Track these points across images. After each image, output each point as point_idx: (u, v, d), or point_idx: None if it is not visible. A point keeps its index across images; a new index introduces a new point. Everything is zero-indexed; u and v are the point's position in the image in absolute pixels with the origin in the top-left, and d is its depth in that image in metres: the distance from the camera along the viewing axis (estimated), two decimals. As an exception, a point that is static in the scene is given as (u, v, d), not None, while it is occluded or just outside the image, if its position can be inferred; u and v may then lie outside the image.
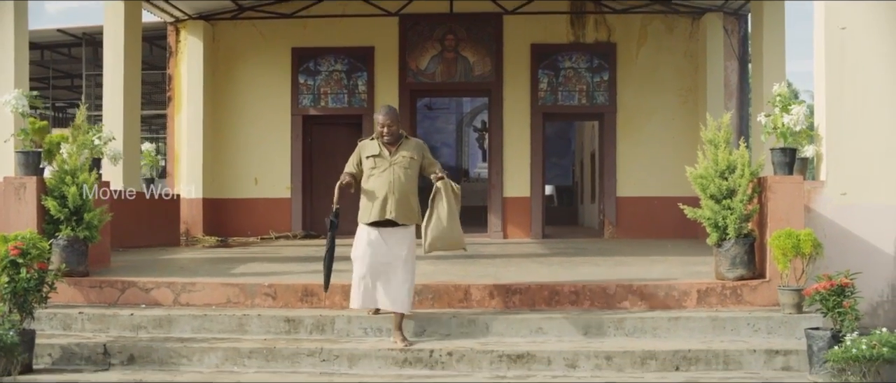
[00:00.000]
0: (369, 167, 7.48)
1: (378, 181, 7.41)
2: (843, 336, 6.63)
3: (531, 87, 15.51)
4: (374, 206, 7.39)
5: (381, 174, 7.42)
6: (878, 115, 8.73)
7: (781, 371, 7.22)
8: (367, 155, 7.54)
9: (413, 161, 7.55)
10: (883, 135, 8.74)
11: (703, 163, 8.22)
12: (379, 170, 7.44)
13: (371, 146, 7.58)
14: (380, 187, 7.40)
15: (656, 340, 7.58)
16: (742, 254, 8.08)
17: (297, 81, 15.77)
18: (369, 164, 7.49)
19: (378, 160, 7.48)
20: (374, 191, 7.40)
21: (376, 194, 7.39)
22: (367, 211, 7.44)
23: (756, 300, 8.03)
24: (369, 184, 7.45)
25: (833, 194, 8.80)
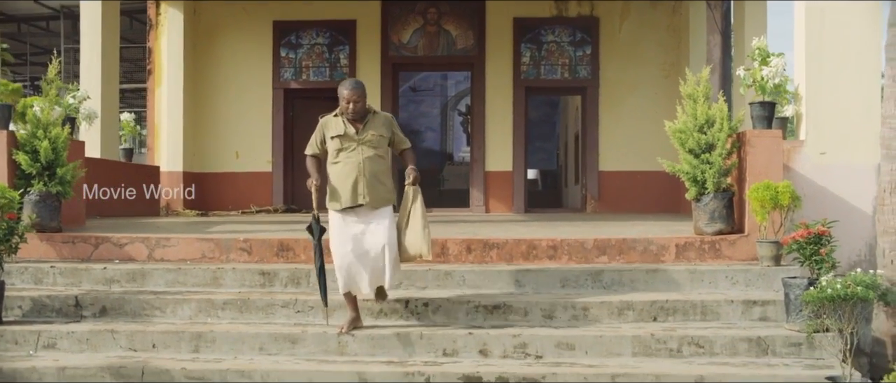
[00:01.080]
0: (335, 148, 6.80)
1: (346, 163, 6.77)
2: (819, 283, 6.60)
3: (513, 61, 15.44)
4: (344, 191, 6.76)
5: (349, 155, 6.77)
6: (857, 75, 8.74)
7: (759, 321, 7.20)
8: (331, 135, 6.82)
9: (382, 139, 6.89)
10: (861, 94, 8.76)
11: (681, 118, 8.18)
12: (347, 150, 6.78)
13: (335, 124, 6.87)
14: (349, 170, 6.76)
15: (634, 293, 7.54)
16: (721, 208, 8.04)
17: (279, 55, 15.66)
18: (335, 145, 6.80)
19: (344, 140, 6.79)
20: (343, 174, 6.77)
21: (345, 178, 6.76)
22: (337, 196, 6.81)
23: (735, 254, 8.00)
24: (337, 166, 6.81)
25: (812, 153, 8.81)
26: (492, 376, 6.42)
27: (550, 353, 6.80)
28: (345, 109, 6.83)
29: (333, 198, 6.84)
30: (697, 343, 6.79)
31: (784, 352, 6.74)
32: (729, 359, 6.71)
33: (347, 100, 6.80)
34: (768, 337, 6.78)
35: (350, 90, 6.82)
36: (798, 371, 6.44)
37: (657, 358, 6.74)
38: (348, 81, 6.95)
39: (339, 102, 6.86)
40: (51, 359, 6.82)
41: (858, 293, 5.83)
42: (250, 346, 6.97)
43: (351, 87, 6.85)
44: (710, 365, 6.58)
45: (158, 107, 15.29)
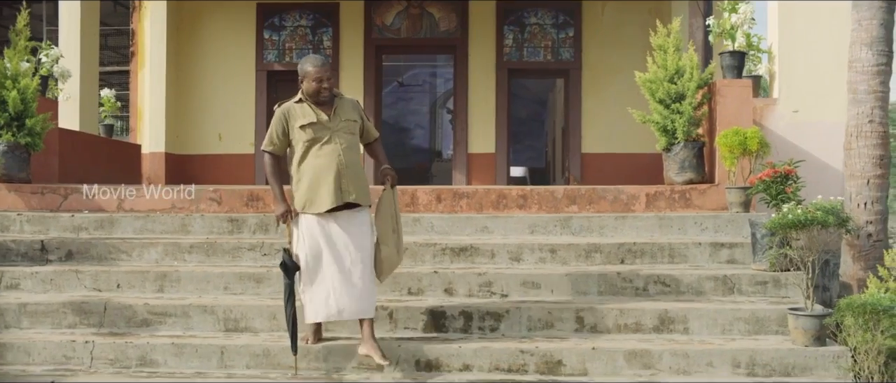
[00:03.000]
0: (305, 139, 5.76)
1: (322, 156, 5.76)
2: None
3: (496, 44, 15.41)
4: (325, 189, 5.73)
5: (323, 146, 5.77)
6: (829, 32, 8.75)
7: (726, 263, 7.19)
8: (300, 124, 5.77)
9: (355, 124, 5.97)
10: (833, 52, 8.75)
11: (652, 68, 8.19)
12: (320, 142, 5.77)
13: (302, 111, 5.83)
14: (327, 164, 5.75)
15: (602, 238, 7.53)
16: (690, 157, 8.04)
17: (262, 37, 15.63)
18: (304, 135, 5.76)
19: (316, 128, 5.78)
20: (320, 169, 5.75)
21: (324, 173, 5.75)
22: (315, 197, 5.76)
23: (705, 203, 7.99)
24: (309, 161, 5.79)
25: (785, 111, 8.82)
26: (455, 310, 6.40)
27: (516, 292, 6.78)
28: (314, 91, 5.79)
29: (311, 201, 5.77)
30: (664, 282, 6.77)
31: (750, 290, 6.73)
32: (694, 297, 6.71)
33: (317, 78, 5.76)
34: (734, 275, 6.77)
35: (319, 67, 5.80)
36: (762, 306, 6.44)
37: (623, 296, 6.74)
38: (312, 57, 5.92)
39: (303, 83, 5.82)
40: (13, 297, 6.80)
41: (818, 217, 5.82)
42: (215, 286, 6.95)
43: (319, 63, 5.84)
44: (675, 302, 6.56)
45: (141, 90, 15.25)
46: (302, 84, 5.85)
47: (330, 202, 5.73)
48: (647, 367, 5.86)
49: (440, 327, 6.37)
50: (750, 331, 6.28)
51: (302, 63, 5.89)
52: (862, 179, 7.22)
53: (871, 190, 7.21)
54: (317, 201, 5.75)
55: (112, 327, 6.47)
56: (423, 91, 29.02)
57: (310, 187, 5.78)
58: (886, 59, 7.21)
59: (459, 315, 6.38)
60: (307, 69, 5.81)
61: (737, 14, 8.13)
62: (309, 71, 5.80)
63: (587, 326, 6.32)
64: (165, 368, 6.03)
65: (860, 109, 7.26)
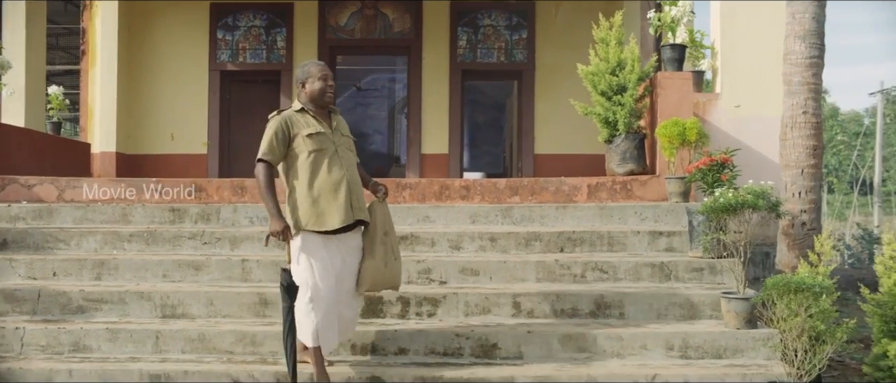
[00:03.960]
0: (311, 149, 5.34)
1: (330, 170, 5.36)
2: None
3: (450, 45, 15.47)
4: (336, 206, 5.32)
5: (330, 158, 5.37)
6: (770, 29, 8.88)
7: (664, 251, 7.27)
8: (306, 132, 5.35)
9: (353, 142, 5.71)
10: (774, 49, 8.87)
11: (594, 61, 8.27)
12: (326, 154, 5.37)
13: (305, 121, 5.40)
14: (337, 178, 5.36)
15: (543, 227, 7.58)
16: (632, 149, 8.13)
17: (216, 37, 15.56)
18: (310, 146, 5.33)
19: (322, 139, 5.38)
20: (330, 184, 5.34)
21: (334, 188, 5.34)
22: (324, 213, 5.32)
23: (646, 194, 8.08)
24: (317, 174, 5.35)
25: (727, 106, 8.94)
26: (393, 296, 6.41)
27: (455, 279, 6.82)
28: (320, 91, 5.42)
29: (319, 218, 5.32)
30: (602, 269, 6.83)
31: (686, 277, 6.82)
32: (632, 283, 6.78)
33: (323, 76, 5.43)
34: (671, 262, 6.85)
35: (322, 66, 5.50)
36: (698, 291, 6.52)
37: (561, 282, 6.78)
38: (311, 61, 5.66)
39: (306, 85, 5.45)
40: (-57, 285, 6.70)
41: (749, 201, 5.91)
42: (154, 273, 6.91)
43: (322, 63, 5.54)
44: (612, 288, 6.62)
45: (92, 88, 15.10)
46: (303, 87, 5.45)
47: (341, 220, 5.31)
48: (581, 350, 5.91)
49: (377, 313, 6.39)
50: (685, 316, 6.35)
51: (302, 67, 5.54)
52: (796, 169, 7.34)
53: (806, 179, 7.34)
54: (326, 218, 5.30)
55: (46, 314, 6.41)
56: (382, 96, 29.01)
57: (317, 203, 5.31)
58: (818, 51, 7.35)
59: (397, 301, 6.40)
60: (310, 69, 5.48)
61: (676, 7, 8.24)
62: (312, 71, 5.45)
63: (524, 311, 6.36)
64: (99, 353, 5.98)
65: (795, 100, 7.39)
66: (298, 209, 5.34)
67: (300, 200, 5.34)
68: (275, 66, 15.53)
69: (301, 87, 5.49)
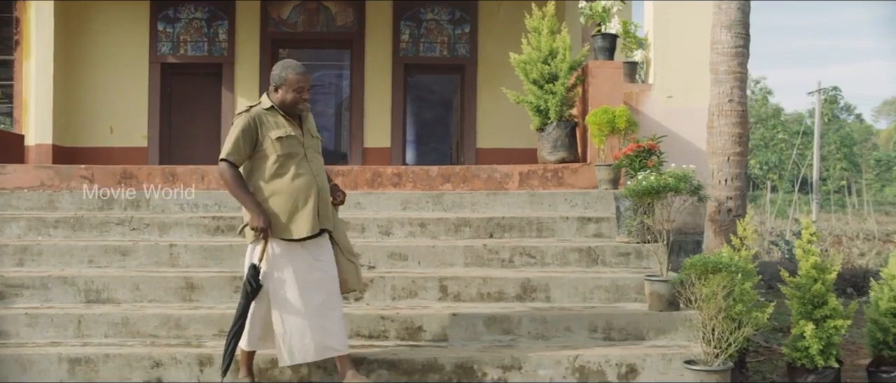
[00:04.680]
0: (279, 153, 5.09)
1: (299, 175, 5.12)
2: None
3: (393, 39, 15.48)
4: (303, 214, 5.09)
5: (299, 164, 5.15)
6: (701, 22, 8.98)
7: (592, 236, 7.35)
8: (276, 135, 5.08)
9: (320, 143, 5.53)
10: (705, 40, 9.00)
11: (526, 50, 8.34)
12: (295, 158, 5.14)
13: (275, 121, 5.13)
14: (305, 185, 5.13)
15: (473, 213, 7.62)
16: (563, 137, 8.21)
17: (156, 29, 15.39)
18: (279, 149, 5.08)
19: (291, 143, 5.14)
20: (299, 189, 5.10)
21: (301, 195, 5.10)
22: (290, 221, 5.08)
23: (577, 182, 8.16)
24: (285, 179, 5.10)
25: (660, 97, 9.04)
26: (321, 280, 6.39)
27: (383, 264, 6.83)
28: (292, 102, 5.14)
29: (285, 226, 5.08)
30: (529, 253, 6.89)
31: (613, 261, 6.90)
32: (559, 268, 6.85)
33: (298, 88, 5.12)
34: (598, 247, 6.93)
35: (301, 74, 5.15)
36: (623, 275, 6.61)
37: (489, 267, 6.83)
38: (292, 63, 5.29)
39: (279, 91, 5.14)
40: None
41: (670, 184, 6.01)
42: (79, 259, 6.83)
43: (301, 70, 5.18)
44: (539, 272, 6.68)
45: (26, 80, 14.85)
46: (276, 91, 5.14)
47: (308, 229, 5.07)
48: (506, 332, 5.95)
49: (305, 296, 6.36)
50: (610, 299, 6.43)
51: (282, 68, 5.20)
52: (723, 156, 7.45)
53: (732, 166, 7.45)
54: (292, 227, 5.07)
55: (-36, 300, 6.30)
56: (330, 92, 28.92)
57: (283, 210, 5.07)
58: (744, 41, 7.48)
59: (325, 284, 6.38)
60: (288, 76, 5.12)
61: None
62: (289, 78, 5.11)
63: (451, 295, 6.40)
64: (17, 339, 5.89)
65: (721, 89, 7.50)
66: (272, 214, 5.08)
67: (270, 206, 5.07)
68: (217, 58, 15.41)
69: (273, 89, 5.17)
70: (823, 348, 6.47)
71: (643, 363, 5.62)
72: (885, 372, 6.69)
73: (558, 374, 5.55)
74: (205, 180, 8.17)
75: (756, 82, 47.19)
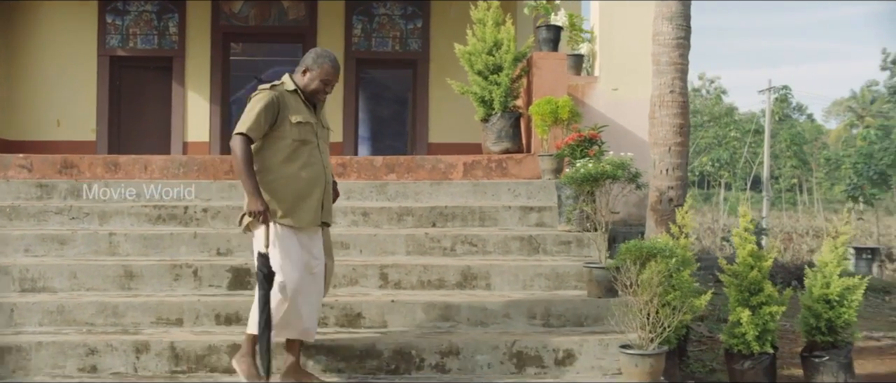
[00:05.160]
0: (295, 138, 4.95)
1: (311, 165, 5.02)
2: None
3: (345, 33, 15.45)
4: (308, 205, 5.00)
5: (312, 153, 5.04)
6: (646, 14, 9.08)
7: (535, 226, 7.40)
8: (296, 119, 4.95)
9: (329, 131, 5.43)
10: (649, 33, 9.11)
11: (471, 41, 8.37)
12: (309, 146, 5.03)
13: (296, 105, 5.00)
14: (315, 176, 5.03)
15: (417, 203, 7.64)
16: (507, 127, 8.26)
17: (105, 21, 15.22)
18: (295, 134, 4.95)
19: (308, 130, 5.02)
20: (307, 180, 5.00)
21: (310, 185, 5.01)
22: (296, 209, 4.97)
23: (521, 172, 8.20)
24: (296, 166, 4.97)
25: (605, 89, 9.13)
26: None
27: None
28: (314, 91, 5.07)
29: (291, 212, 4.95)
30: (471, 242, 6.92)
31: (554, 250, 6.95)
32: (500, 256, 6.88)
33: (326, 80, 5.06)
34: (540, 236, 6.98)
35: (333, 69, 5.07)
36: (564, 262, 6.66)
37: (430, 255, 6.85)
38: (330, 55, 5.14)
39: (306, 75, 5.05)
40: None
41: (608, 171, 6.07)
42: (14, 248, 6.74)
43: (337, 66, 5.09)
44: (481, 260, 6.71)
45: (-29, 73, 14.63)
46: (304, 74, 5.05)
47: (311, 220, 5.01)
48: (445, 319, 5.98)
49: (244, 284, 6.35)
50: (550, 287, 6.48)
51: (318, 55, 5.08)
52: (664, 146, 7.54)
53: (673, 156, 7.54)
54: (297, 214, 4.95)
55: None
56: (284, 88, 28.80)
57: (291, 197, 4.94)
58: (685, 32, 7.57)
59: (265, 273, 6.36)
60: (323, 64, 5.04)
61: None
62: (324, 67, 5.03)
63: (391, 283, 6.41)
64: (-56, 329, 5.80)
65: (663, 80, 7.58)
66: (270, 197, 4.91)
67: (271, 188, 4.90)
68: (167, 52, 15.28)
69: (301, 72, 5.07)
70: (759, 334, 6.58)
71: (580, 348, 5.66)
72: (817, 357, 6.82)
73: (496, 360, 5.58)
74: (148, 170, 8.10)
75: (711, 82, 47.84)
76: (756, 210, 30.15)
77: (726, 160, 32.05)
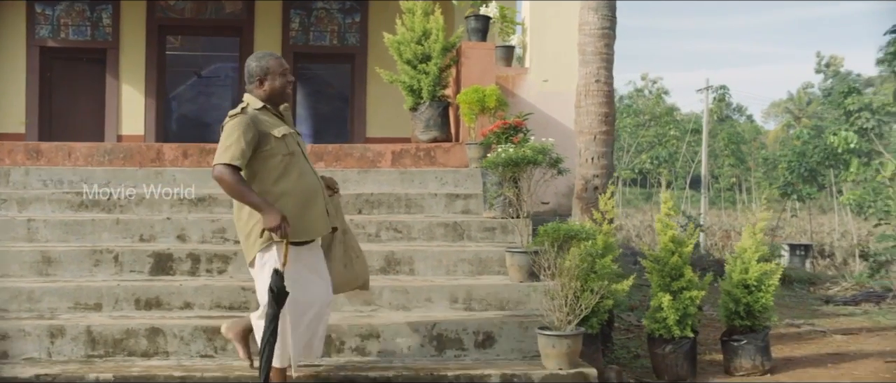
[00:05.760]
0: (284, 153, 4.75)
1: (306, 175, 4.84)
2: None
3: (283, 27, 15.37)
4: (315, 213, 4.82)
5: (301, 163, 4.85)
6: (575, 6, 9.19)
7: (461, 213, 7.44)
8: (279, 133, 4.75)
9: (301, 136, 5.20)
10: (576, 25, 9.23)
11: (400, 30, 8.40)
12: (297, 156, 4.84)
13: (269, 120, 4.80)
14: (312, 184, 4.86)
15: (344, 190, 7.61)
16: (436, 116, 8.29)
17: (34, 11, 14.94)
18: (283, 148, 4.75)
19: (291, 141, 4.84)
20: (307, 190, 4.81)
21: (311, 195, 4.83)
22: (304, 223, 4.77)
23: (449, 161, 8.24)
24: (293, 180, 4.76)
25: (535, 80, 9.20)
26: (183, 253, 6.34)
27: (250, 238, 6.78)
28: (282, 88, 4.86)
29: (299, 227, 4.72)
30: (396, 228, 6.94)
31: (479, 236, 7.00)
32: (425, 242, 6.91)
33: (284, 71, 4.86)
34: (465, 222, 7.02)
35: (280, 59, 4.93)
36: (487, 248, 6.71)
37: (355, 241, 6.84)
38: (265, 52, 5.03)
39: (266, 83, 4.83)
40: None
41: (528, 155, 6.12)
42: None
43: (280, 58, 4.94)
44: (405, 246, 6.73)
45: None
46: (261, 85, 4.83)
47: (323, 228, 4.86)
48: (367, 304, 5.99)
49: (167, 270, 6.31)
50: (473, 272, 6.52)
51: (258, 59, 4.89)
52: (589, 135, 7.64)
53: (598, 145, 7.64)
54: (307, 228, 4.76)
55: None
56: (226, 85, 28.50)
57: (295, 210, 4.70)
58: (610, 22, 7.67)
59: (187, 257, 6.34)
60: (269, 64, 4.84)
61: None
62: (272, 66, 4.83)
63: (315, 268, 6.40)
64: None
65: (588, 69, 7.68)
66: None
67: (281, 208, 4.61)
68: (100, 44, 15.05)
69: (257, 84, 4.84)
70: (680, 319, 6.70)
71: (500, 330, 5.71)
72: (736, 341, 6.97)
73: (416, 343, 5.61)
74: (72, 157, 7.99)
75: (654, 82, 48.48)
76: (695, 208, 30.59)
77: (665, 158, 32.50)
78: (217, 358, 5.45)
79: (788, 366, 7.26)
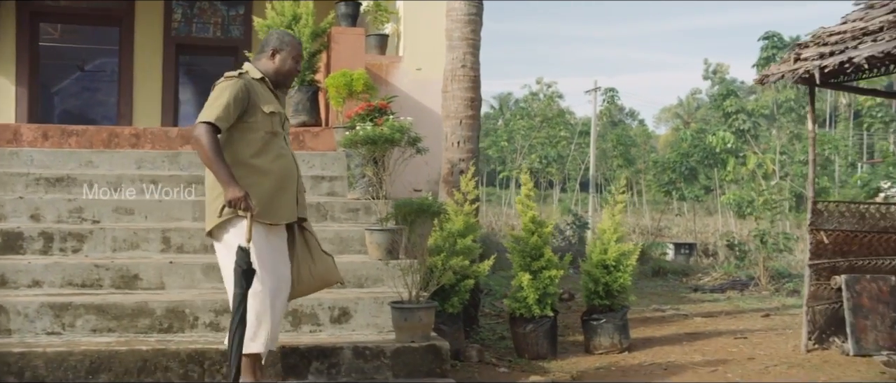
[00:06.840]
0: (267, 130, 4.56)
1: (284, 158, 4.66)
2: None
3: (164, 18, 15.10)
4: (286, 199, 4.64)
5: (282, 146, 4.67)
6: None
7: (326, 195, 7.48)
8: (268, 109, 4.57)
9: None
10: (450, 13, 9.35)
11: (270, 15, 8.39)
12: (279, 137, 4.65)
13: (264, 94, 4.62)
14: (289, 168, 4.67)
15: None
16: (305, 101, 8.31)
17: None
18: (268, 125, 4.56)
19: (277, 121, 4.63)
20: (283, 173, 4.63)
21: (285, 179, 4.64)
22: (273, 205, 4.56)
23: (317, 145, 8.26)
24: (271, 159, 4.57)
25: (409, 68, 9.28)
26: (35, 232, 6.21)
27: (108, 218, 6.72)
28: (289, 71, 4.75)
29: (268, 209, 4.52)
30: (260, 209, 6.92)
31: (342, 217, 7.04)
32: (289, 222, 6.90)
33: (297, 57, 4.77)
34: (328, 203, 7.06)
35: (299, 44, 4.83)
36: (348, 227, 6.77)
37: (217, 221, 6.80)
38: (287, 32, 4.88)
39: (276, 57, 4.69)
40: None
41: (386, 133, 6.20)
42: None
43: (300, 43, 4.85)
44: (267, 226, 6.72)
45: None
46: (273, 57, 4.68)
47: (289, 215, 4.66)
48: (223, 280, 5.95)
49: (16, 249, 6.18)
50: (335, 251, 6.55)
51: (281, 34, 4.75)
52: (455, 119, 7.76)
53: (464, 129, 7.77)
54: (275, 211, 4.55)
55: None
56: (112, 80, 27.85)
57: (266, 191, 4.50)
58: (476, 10, 7.82)
59: (39, 236, 6.22)
60: (291, 42, 4.72)
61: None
62: (292, 45, 4.72)
63: (173, 246, 6.36)
64: None
65: (455, 55, 7.80)
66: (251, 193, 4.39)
67: (250, 184, 4.40)
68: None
69: (269, 55, 4.69)
70: (540, 298, 6.87)
71: (356, 306, 5.76)
72: (595, 320, 7.18)
73: (270, 317, 5.60)
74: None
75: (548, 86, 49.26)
76: (584, 209, 31.21)
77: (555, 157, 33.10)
78: (64, 334, 5.34)
79: (646, 345, 7.53)
